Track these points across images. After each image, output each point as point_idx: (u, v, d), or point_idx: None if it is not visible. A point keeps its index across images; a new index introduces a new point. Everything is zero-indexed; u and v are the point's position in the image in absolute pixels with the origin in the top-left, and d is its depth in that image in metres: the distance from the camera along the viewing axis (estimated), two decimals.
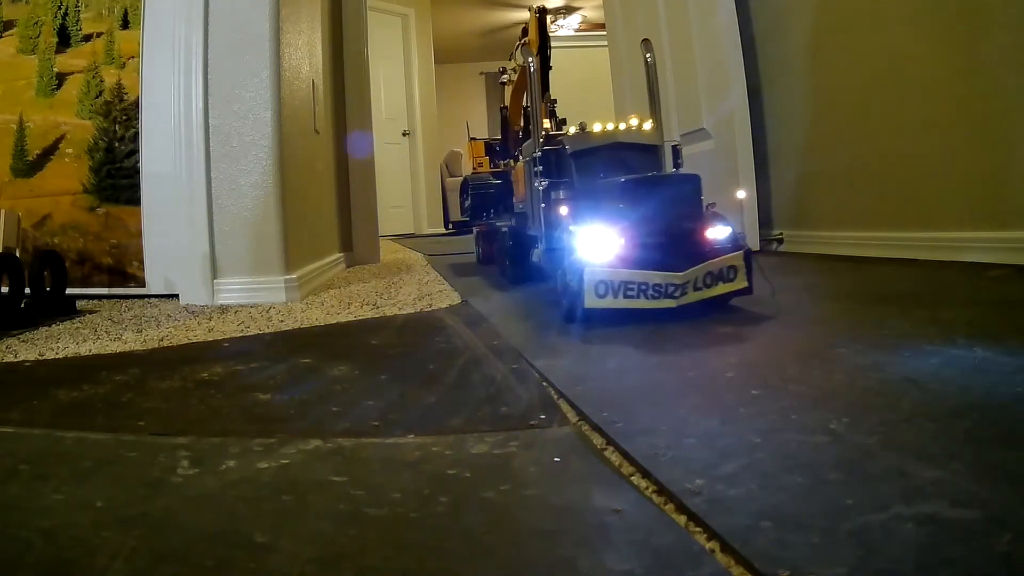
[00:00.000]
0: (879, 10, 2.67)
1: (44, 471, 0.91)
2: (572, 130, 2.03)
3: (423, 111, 6.96)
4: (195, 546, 0.69)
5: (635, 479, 0.81)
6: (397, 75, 6.78)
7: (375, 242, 4.03)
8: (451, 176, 7.49)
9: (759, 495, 0.73)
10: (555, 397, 1.15)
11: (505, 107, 3.43)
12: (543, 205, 1.95)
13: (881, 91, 2.68)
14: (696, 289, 1.63)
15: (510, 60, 3.34)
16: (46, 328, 2.02)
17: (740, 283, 1.66)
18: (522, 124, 3.29)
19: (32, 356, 1.65)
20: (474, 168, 3.78)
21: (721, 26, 3.35)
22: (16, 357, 1.64)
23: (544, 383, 1.23)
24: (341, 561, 0.65)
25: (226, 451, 0.95)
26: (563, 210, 1.80)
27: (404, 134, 6.81)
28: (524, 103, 3.26)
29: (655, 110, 2.12)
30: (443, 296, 2.39)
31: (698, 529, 0.68)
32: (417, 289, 2.61)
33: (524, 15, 8.03)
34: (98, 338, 1.85)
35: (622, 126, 2.02)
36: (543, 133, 2.05)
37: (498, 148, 3.73)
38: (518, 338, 1.62)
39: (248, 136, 2.43)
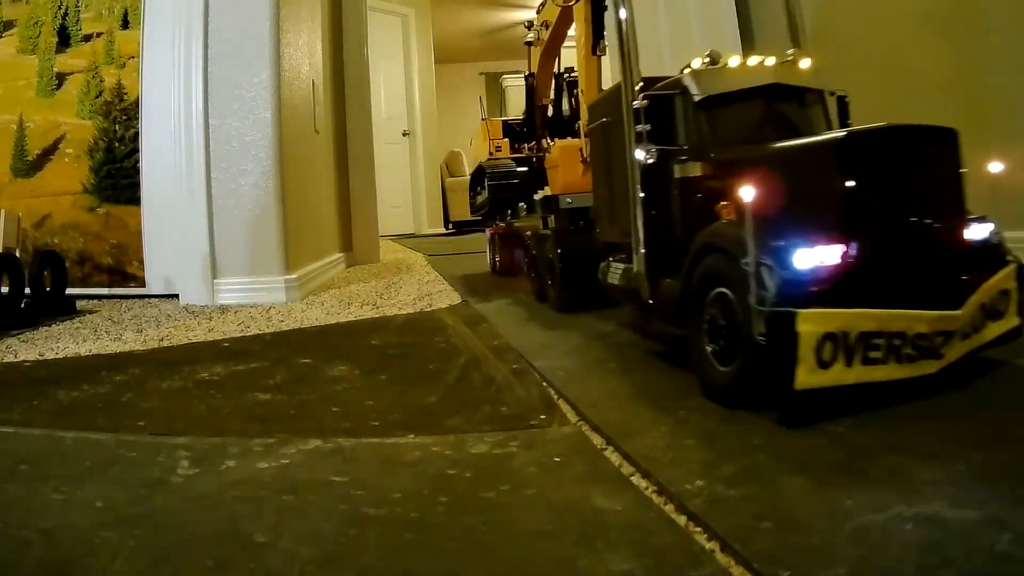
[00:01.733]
0: (876, 11, 2.67)
1: (44, 471, 0.91)
2: (697, 63, 1.33)
3: (423, 111, 6.96)
4: (195, 546, 0.69)
5: (635, 479, 0.81)
6: (397, 75, 6.78)
7: (375, 242, 4.03)
8: (451, 176, 7.49)
9: (759, 496, 0.73)
10: (555, 397, 1.15)
11: (531, 74, 2.62)
12: (642, 194, 1.28)
13: (877, 91, 2.68)
14: (964, 337, 1.02)
15: (538, 12, 2.48)
16: (46, 328, 2.02)
17: (1010, 319, 1.07)
18: (552, 96, 2.62)
19: (32, 356, 1.65)
20: (491, 153, 2.88)
21: (721, 25, 3.35)
22: (16, 357, 1.64)
23: (544, 383, 1.23)
24: (341, 561, 0.65)
25: (226, 451, 0.95)
26: (740, 196, 0.96)
27: (404, 134, 6.82)
28: (556, 68, 2.58)
29: (800, 41, 1.45)
30: (443, 296, 2.39)
31: (698, 529, 0.68)
32: (417, 289, 2.61)
33: (524, 15, 8.03)
34: (98, 338, 1.85)
35: (769, 61, 1.32)
36: (639, 80, 1.32)
37: (520, 128, 2.90)
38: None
39: (248, 136, 2.43)
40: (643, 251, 1.30)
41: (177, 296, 2.51)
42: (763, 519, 0.67)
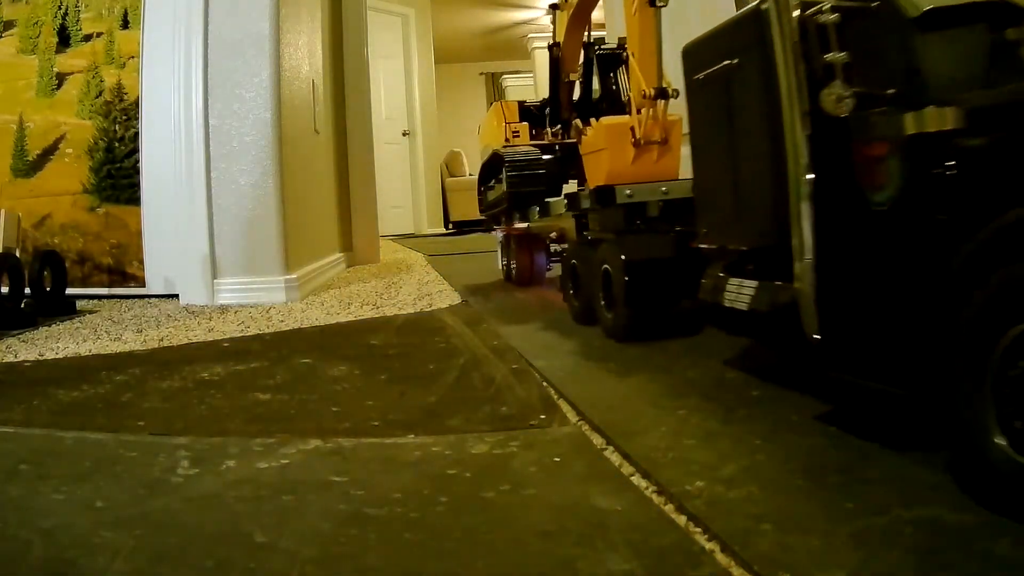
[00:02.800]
0: None
1: (44, 471, 0.91)
2: None
3: (423, 111, 6.96)
4: (195, 546, 0.69)
5: (635, 479, 0.81)
6: (397, 75, 6.77)
7: (375, 242, 4.03)
8: (451, 176, 7.49)
9: (759, 497, 0.73)
10: (555, 397, 1.15)
11: (556, 44, 2.24)
12: (811, 176, 0.88)
13: None
14: None
15: None
16: (46, 328, 2.02)
17: None
18: (580, 71, 2.23)
19: (32, 356, 1.65)
20: (506, 139, 2.40)
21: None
22: (16, 357, 1.64)
23: (544, 383, 1.23)
24: (341, 561, 0.65)
25: (226, 451, 0.95)
26: None
27: (404, 134, 6.81)
28: (586, 37, 2.20)
29: None
30: (443, 296, 2.39)
31: (698, 530, 0.68)
32: (417, 289, 2.61)
33: (524, 15, 8.03)
34: (98, 338, 1.85)
35: None
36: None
37: (539, 111, 2.47)
38: None
39: (248, 136, 2.43)
40: (811, 259, 0.88)
41: (177, 296, 2.51)
42: (763, 520, 0.67)
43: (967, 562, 0.59)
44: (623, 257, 1.45)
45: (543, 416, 1.05)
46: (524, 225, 2.34)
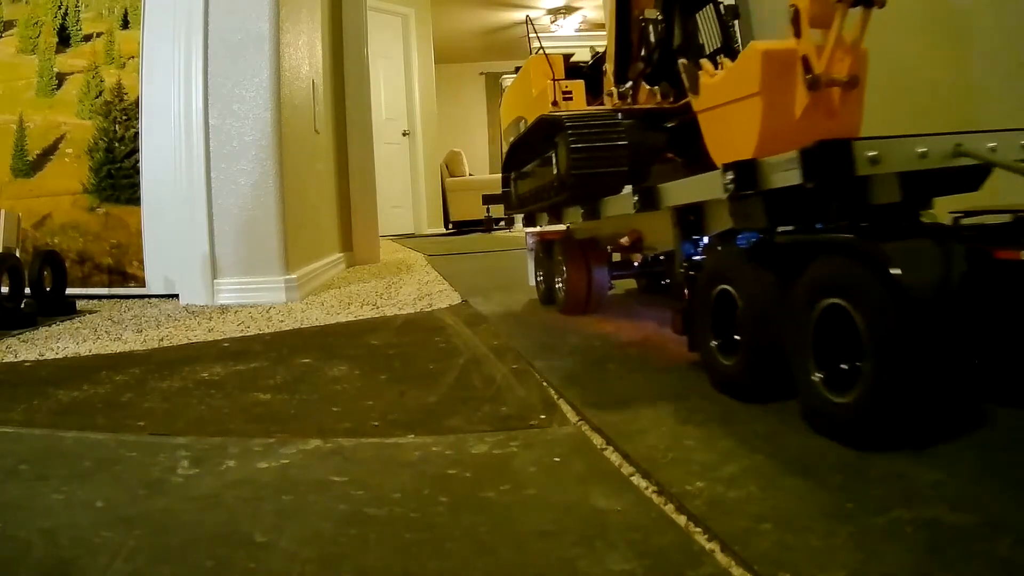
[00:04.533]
0: (873, 18, 2.67)
1: (44, 471, 0.91)
2: None
3: (423, 111, 6.96)
4: (195, 546, 0.69)
5: (635, 479, 0.81)
6: (397, 75, 6.78)
7: (375, 242, 4.03)
8: (451, 176, 7.49)
9: (759, 497, 0.73)
10: (555, 397, 1.15)
11: None
12: None
13: (874, 94, 2.68)
14: None
15: None
16: (46, 328, 2.02)
17: None
18: (658, 9, 1.47)
19: (32, 356, 1.65)
20: (554, 103, 1.53)
21: None
22: (16, 357, 1.64)
23: (544, 383, 1.23)
24: (341, 561, 0.65)
25: (226, 451, 0.95)
26: None
27: (404, 134, 6.82)
28: None
29: None
30: (443, 296, 2.39)
31: (698, 530, 0.68)
32: (417, 289, 2.61)
33: (524, 15, 8.04)
34: (98, 338, 1.85)
35: None
36: None
37: (593, 70, 1.70)
38: None
39: (248, 136, 2.43)
40: None
41: (177, 296, 2.51)
42: (763, 520, 0.67)
43: (967, 562, 0.59)
44: (898, 275, 0.76)
45: (543, 416, 1.05)
46: (563, 227, 1.77)
